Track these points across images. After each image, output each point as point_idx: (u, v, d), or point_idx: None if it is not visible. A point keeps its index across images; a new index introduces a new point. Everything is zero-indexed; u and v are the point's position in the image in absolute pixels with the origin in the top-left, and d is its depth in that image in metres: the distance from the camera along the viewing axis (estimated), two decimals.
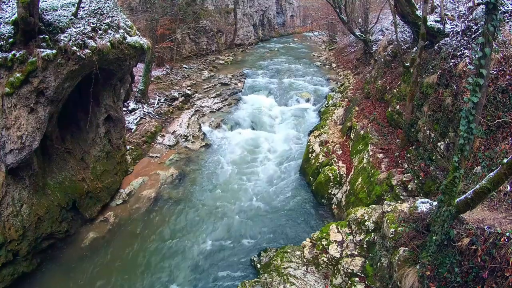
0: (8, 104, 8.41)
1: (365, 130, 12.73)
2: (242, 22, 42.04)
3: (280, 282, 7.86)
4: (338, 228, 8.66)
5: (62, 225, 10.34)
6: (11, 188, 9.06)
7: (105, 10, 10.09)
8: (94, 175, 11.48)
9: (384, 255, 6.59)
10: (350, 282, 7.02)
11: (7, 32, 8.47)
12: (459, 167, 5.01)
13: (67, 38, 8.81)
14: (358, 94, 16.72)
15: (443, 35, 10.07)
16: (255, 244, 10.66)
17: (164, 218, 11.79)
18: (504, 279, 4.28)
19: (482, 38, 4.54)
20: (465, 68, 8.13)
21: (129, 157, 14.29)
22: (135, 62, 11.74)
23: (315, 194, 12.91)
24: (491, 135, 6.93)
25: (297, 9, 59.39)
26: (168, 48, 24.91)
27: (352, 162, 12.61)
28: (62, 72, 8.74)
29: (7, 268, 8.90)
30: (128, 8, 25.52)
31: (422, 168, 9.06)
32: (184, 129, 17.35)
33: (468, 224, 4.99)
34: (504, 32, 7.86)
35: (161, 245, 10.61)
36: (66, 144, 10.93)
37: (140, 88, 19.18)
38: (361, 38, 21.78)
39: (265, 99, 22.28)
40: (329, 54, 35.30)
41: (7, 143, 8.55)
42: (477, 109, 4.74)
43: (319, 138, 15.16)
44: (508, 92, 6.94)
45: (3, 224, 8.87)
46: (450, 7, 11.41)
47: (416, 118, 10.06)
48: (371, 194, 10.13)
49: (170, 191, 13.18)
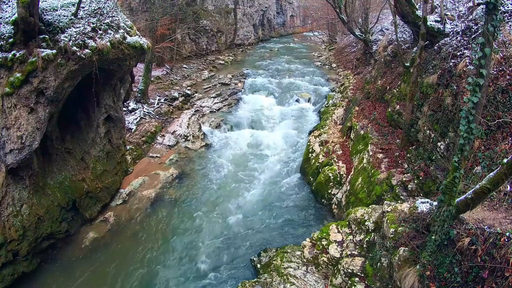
0: (8, 104, 8.41)
1: (365, 130, 12.73)
2: (242, 22, 42.03)
3: (280, 282, 7.86)
4: (338, 228, 8.66)
5: (62, 225, 10.34)
6: (11, 188, 9.06)
7: (105, 10, 10.09)
8: (94, 175, 11.48)
9: (384, 255, 6.59)
10: (350, 282, 7.02)
11: (7, 32, 8.48)
12: (459, 167, 5.01)
13: (67, 38, 8.81)
14: (358, 94, 16.72)
15: (443, 35, 10.07)
16: (255, 244, 10.66)
17: (164, 218, 11.80)
18: (504, 279, 4.28)
19: (482, 38, 4.54)
20: (465, 68, 8.13)
21: (129, 157, 14.29)
22: (135, 62, 11.74)
23: (315, 194, 12.91)
24: (491, 135, 6.94)
25: (297, 9, 59.37)
26: (168, 48, 24.91)
27: (352, 162, 12.61)
28: (62, 72, 8.74)
29: (7, 268, 8.90)
30: (128, 8, 25.53)
31: (422, 168, 9.06)
32: (184, 129, 17.35)
33: (468, 224, 4.99)
34: (504, 32, 7.86)
35: (161, 245, 10.61)
36: (66, 144, 10.93)
37: (140, 88, 19.19)
38: (361, 38, 21.78)
39: (265, 99, 22.27)
40: (329, 54, 35.29)
41: (7, 143, 8.55)
42: (477, 109, 4.74)
43: (319, 138, 15.16)
44: (508, 92, 6.94)
45: (3, 224, 8.87)
46: (450, 7, 11.41)
47: (416, 118, 10.06)
48: (371, 194, 10.13)
49: (170, 191, 13.18)
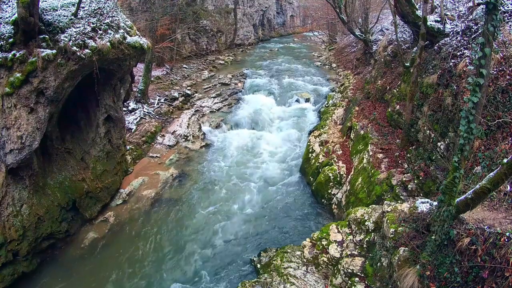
0: (8, 104, 8.42)
1: (365, 130, 12.73)
2: (242, 22, 42.03)
3: (280, 282, 7.86)
4: (338, 228, 8.66)
5: (62, 225, 10.34)
6: (11, 188, 9.07)
7: (105, 10, 10.09)
8: (94, 175, 11.48)
9: (384, 255, 6.59)
10: (350, 282, 7.02)
11: (7, 32, 8.48)
12: (459, 167, 5.01)
13: (67, 38, 8.81)
14: (358, 94, 16.71)
15: (443, 35, 10.07)
16: (255, 244, 10.66)
17: (164, 218, 11.80)
18: (504, 279, 4.28)
19: (482, 38, 4.54)
20: (465, 68, 8.13)
21: (129, 157, 14.29)
22: (135, 62, 11.74)
23: (315, 194, 12.91)
24: (491, 135, 6.93)
25: (297, 9, 59.35)
26: (168, 48, 24.91)
27: (352, 162, 12.61)
28: (62, 72, 8.74)
29: (7, 268, 8.90)
30: (128, 8, 25.52)
31: (422, 168, 9.06)
32: (184, 129, 17.35)
33: (468, 224, 4.99)
34: (504, 32, 7.86)
35: (161, 245, 10.61)
36: (66, 144, 10.93)
37: (140, 88, 19.18)
38: (361, 38, 21.77)
39: (265, 99, 22.27)
40: (329, 54, 35.28)
41: (7, 143, 8.55)
42: (477, 109, 4.74)
43: (319, 138, 15.16)
44: (508, 92, 6.94)
45: (3, 224, 8.87)
46: (450, 7, 11.41)
47: (416, 118, 10.06)
48: (371, 194, 10.13)
49: (170, 191, 13.18)
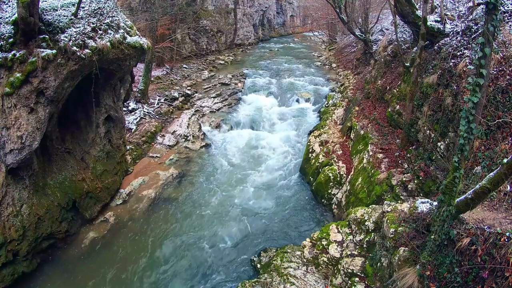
0: (8, 104, 8.41)
1: (365, 130, 12.73)
2: (242, 22, 42.04)
3: (280, 282, 7.85)
4: (338, 228, 8.66)
5: (62, 225, 10.34)
6: (11, 188, 9.06)
7: (105, 10, 10.09)
8: (94, 175, 11.48)
9: (384, 255, 6.59)
10: (350, 282, 7.02)
11: (7, 32, 8.46)
12: (459, 167, 5.01)
13: (67, 38, 8.80)
14: (358, 94, 16.71)
15: (443, 35, 10.07)
16: (255, 244, 10.66)
17: (164, 218, 11.79)
18: (504, 279, 4.28)
19: (482, 38, 4.54)
20: (465, 68, 8.13)
21: (129, 157, 14.29)
22: (135, 62, 11.74)
23: (315, 194, 12.91)
24: (491, 135, 6.93)
25: (297, 9, 59.39)
26: (168, 48, 24.91)
27: (352, 162, 12.61)
28: (62, 72, 8.74)
29: (7, 268, 8.89)
30: (128, 8, 25.52)
31: (422, 168, 9.06)
32: (184, 129, 17.35)
33: (468, 224, 4.99)
34: (504, 32, 7.86)
35: (161, 245, 10.61)
36: (66, 144, 10.93)
37: (140, 88, 19.18)
38: (361, 38, 21.77)
39: (265, 99, 22.28)
40: (329, 54, 35.30)
41: (7, 143, 8.55)
42: (477, 109, 4.74)
43: (319, 138, 15.16)
44: (508, 92, 6.94)
45: (3, 224, 8.86)
46: (450, 7, 11.41)
47: (416, 118, 10.06)
48: (371, 194, 10.13)
49: (170, 191, 13.18)
